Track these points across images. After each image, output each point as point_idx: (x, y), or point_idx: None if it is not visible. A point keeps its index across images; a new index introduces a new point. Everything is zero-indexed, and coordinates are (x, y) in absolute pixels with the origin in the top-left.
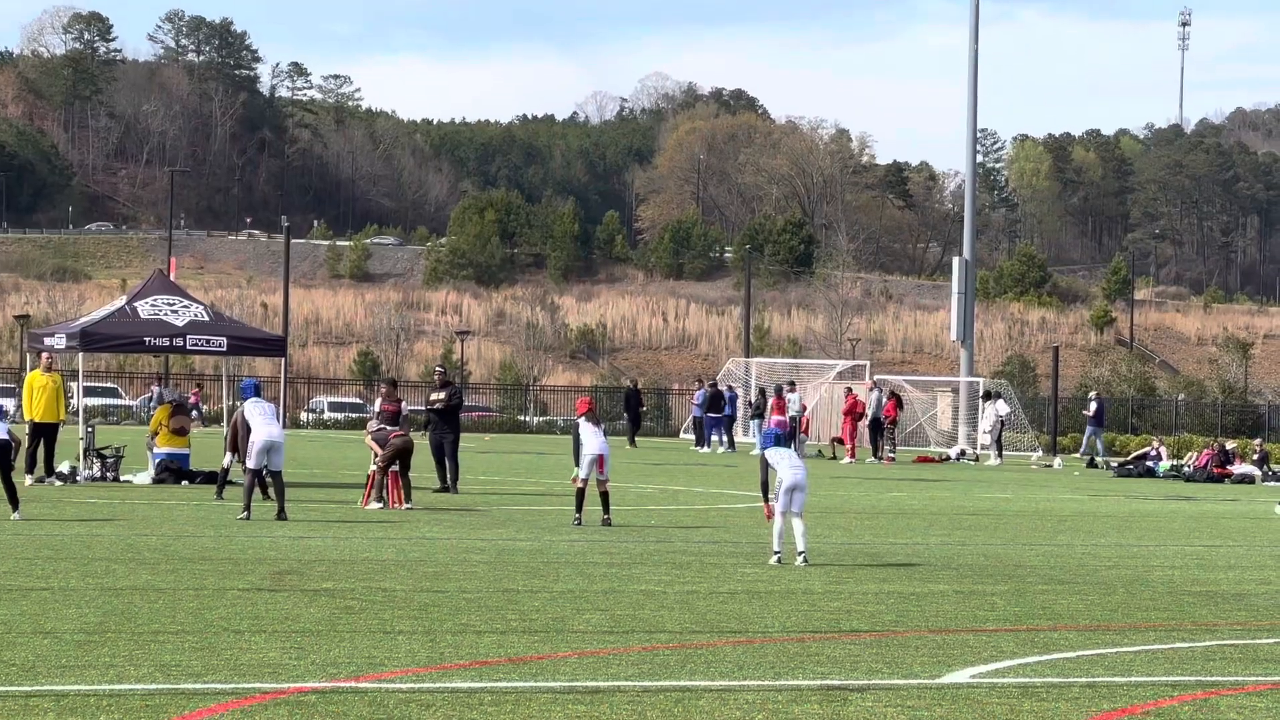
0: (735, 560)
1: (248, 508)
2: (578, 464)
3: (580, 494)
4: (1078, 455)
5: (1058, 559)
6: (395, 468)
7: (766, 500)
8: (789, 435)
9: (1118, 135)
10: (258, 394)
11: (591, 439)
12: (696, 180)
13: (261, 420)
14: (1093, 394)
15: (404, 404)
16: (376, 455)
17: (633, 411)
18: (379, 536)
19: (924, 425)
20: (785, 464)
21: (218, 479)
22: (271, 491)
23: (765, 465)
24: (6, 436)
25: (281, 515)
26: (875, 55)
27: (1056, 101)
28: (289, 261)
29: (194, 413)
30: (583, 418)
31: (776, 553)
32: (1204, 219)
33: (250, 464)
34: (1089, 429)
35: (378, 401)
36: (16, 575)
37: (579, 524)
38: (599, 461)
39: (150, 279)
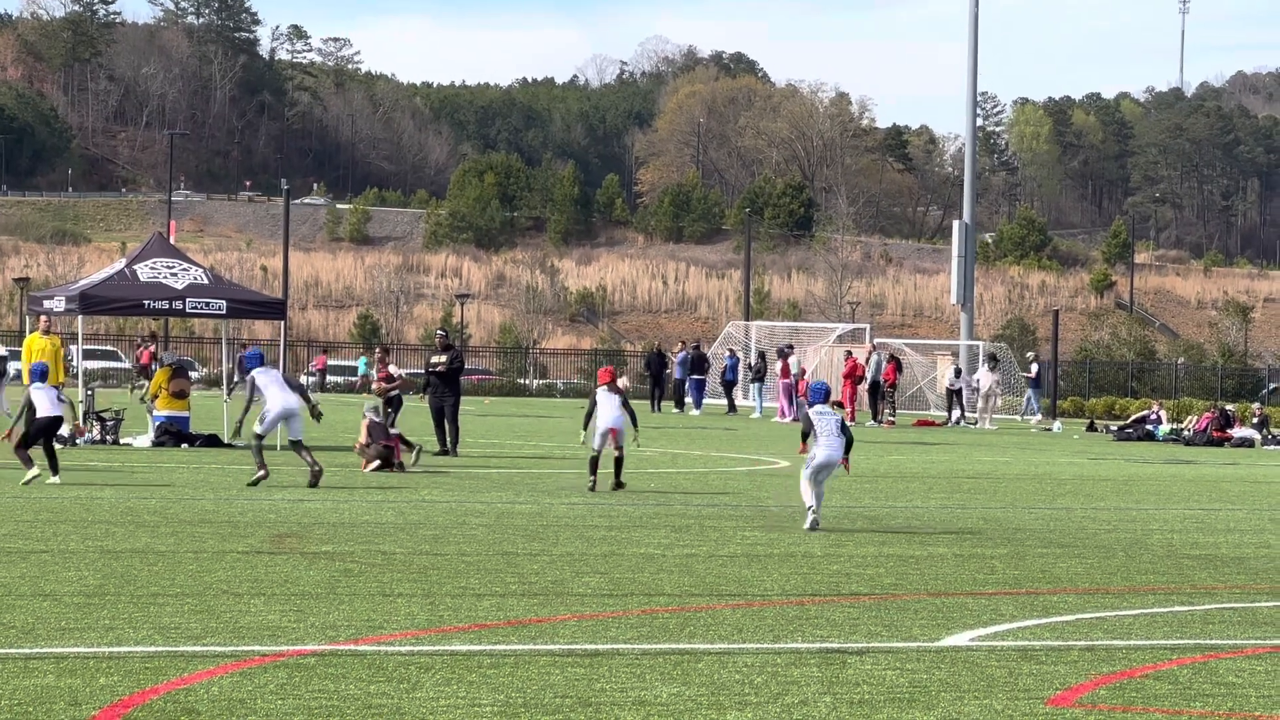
0: (734, 523)
1: (263, 465)
2: (585, 429)
3: (593, 462)
4: (1017, 418)
5: (1057, 522)
6: (397, 431)
7: (804, 440)
8: (828, 392)
9: (1118, 99)
10: (262, 363)
11: (608, 410)
12: (696, 144)
13: (277, 389)
14: (1031, 354)
15: (393, 368)
16: (366, 445)
17: (657, 375)
18: (378, 500)
19: (924, 389)
20: (823, 439)
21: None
22: (304, 456)
23: (808, 420)
24: (59, 412)
25: (315, 481)
26: (876, 18)
27: (1057, 65)
28: (289, 224)
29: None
30: (603, 387)
31: (811, 509)
32: (1204, 182)
33: (260, 430)
34: (1029, 391)
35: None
36: (16, 538)
37: (593, 489)
38: (612, 434)
39: (150, 242)
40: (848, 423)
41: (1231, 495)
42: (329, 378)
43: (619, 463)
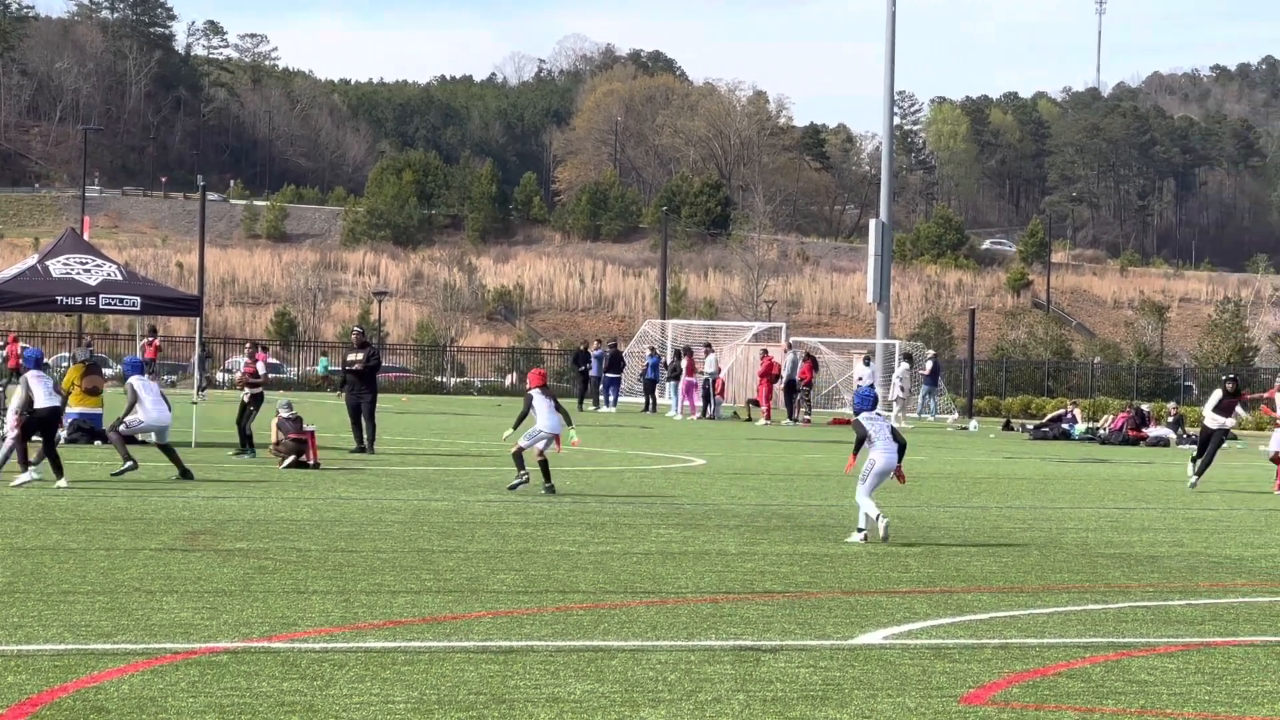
0: (650, 521)
1: (129, 457)
2: (515, 429)
3: (517, 455)
4: (916, 415)
5: (972, 521)
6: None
7: (855, 453)
8: (874, 400)
9: (1035, 98)
10: (139, 371)
11: (545, 415)
12: (614, 142)
13: (152, 403)
14: (930, 353)
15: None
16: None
17: (584, 372)
18: (294, 496)
19: (840, 387)
20: (881, 445)
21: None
22: (174, 458)
23: (861, 428)
24: (57, 404)
25: (186, 474)
26: (794, 17)
27: (974, 64)
28: (204, 221)
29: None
30: (536, 390)
31: (879, 517)
32: (1121, 182)
33: (123, 430)
34: (924, 388)
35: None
36: None
37: (525, 482)
38: (554, 439)
39: (63, 237)
40: (762, 422)
41: (1146, 494)
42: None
43: (545, 465)
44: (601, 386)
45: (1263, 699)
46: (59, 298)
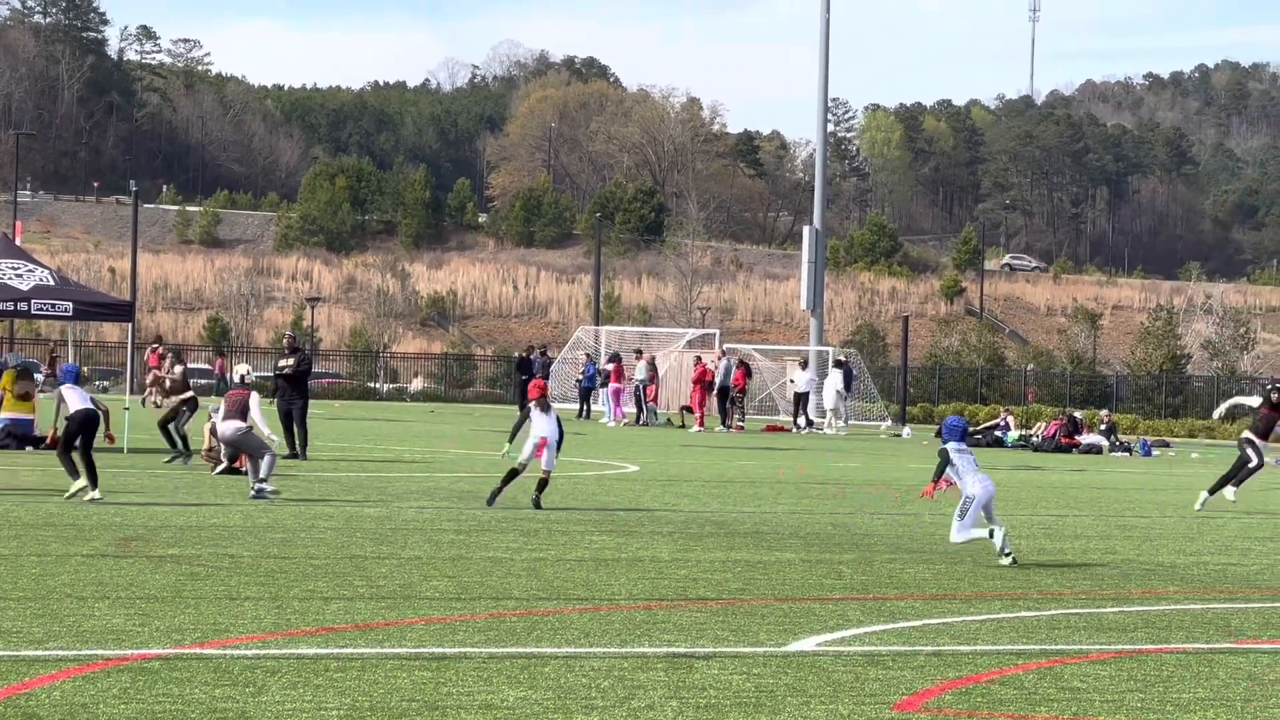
0: (583, 528)
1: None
2: (510, 442)
3: (511, 474)
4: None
5: (905, 528)
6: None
7: (935, 480)
8: (965, 430)
9: (969, 105)
10: (76, 381)
11: (544, 425)
12: (548, 148)
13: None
14: (842, 357)
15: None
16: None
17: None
18: (226, 503)
19: (774, 394)
20: (971, 477)
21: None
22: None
23: (946, 458)
24: (93, 407)
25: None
26: (728, 23)
27: (908, 71)
28: (137, 226)
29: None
30: (534, 403)
31: (998, 530)
32: (1054, 190)
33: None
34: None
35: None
36: None
37: (492, 503)
38: (540, 446)
39: None
40: (695, 429)
41: (1079, 501)
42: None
43: (544, 483)
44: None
45: (1195, 706)
46: None
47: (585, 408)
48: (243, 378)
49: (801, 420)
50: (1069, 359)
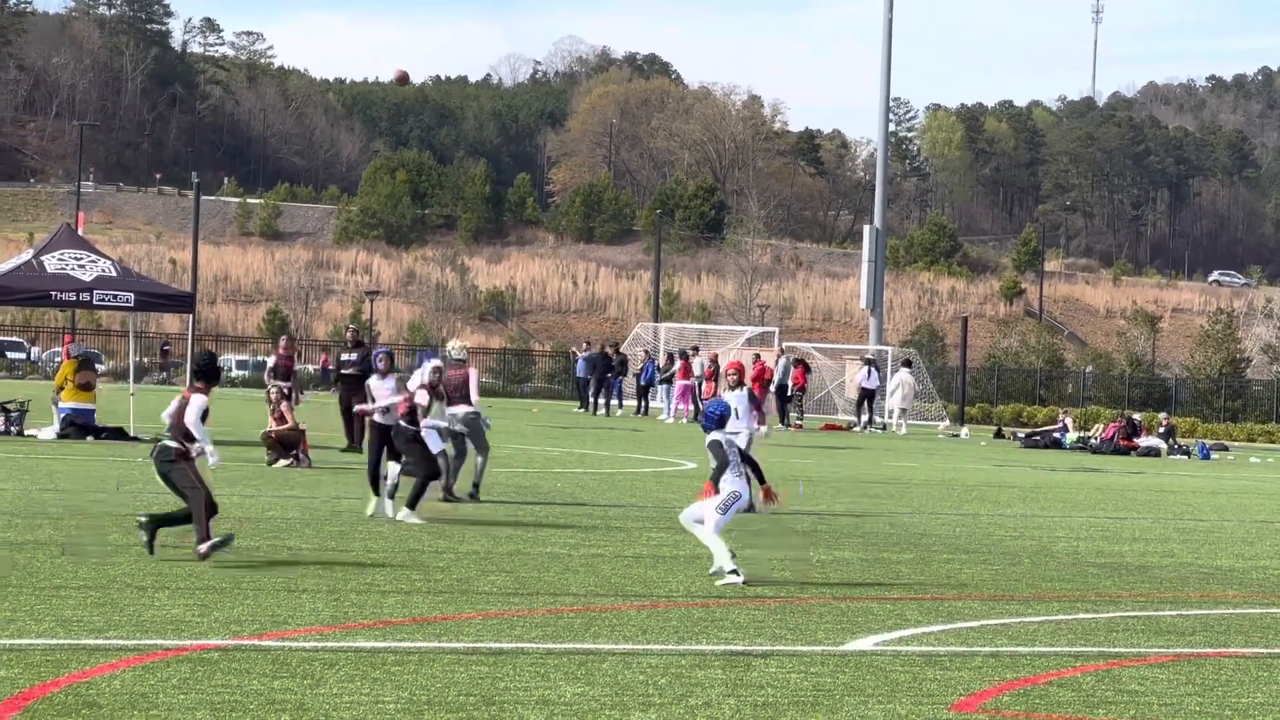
0: (640, 525)
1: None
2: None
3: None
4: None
5: (963, 528)
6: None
7: (715, 480)
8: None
9: (1030, 107)
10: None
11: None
12: (609, 144)
13: None
14: (869, 357)
15: (294, 360)
16: (272, 416)
17: (601, 375)
18: (285, 494)
19: (832, 393)
20: (739, 468)
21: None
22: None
23: (720, 451)
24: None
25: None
26: (790, 22)
27: (970, 72)
28: (199, 218)
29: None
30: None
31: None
32: (1115, 192)
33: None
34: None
35: (272, 357)
36: None
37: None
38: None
39: (58, 233)
40: (761, 428)
41: (1137, 504)
42: (235, 372)
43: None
44: (592, 390)
45: (1253, 711)
46: (53, 293)
47: (644, 404)
48: (459, 355)
49: (864, 419)
50: (1128, 361)
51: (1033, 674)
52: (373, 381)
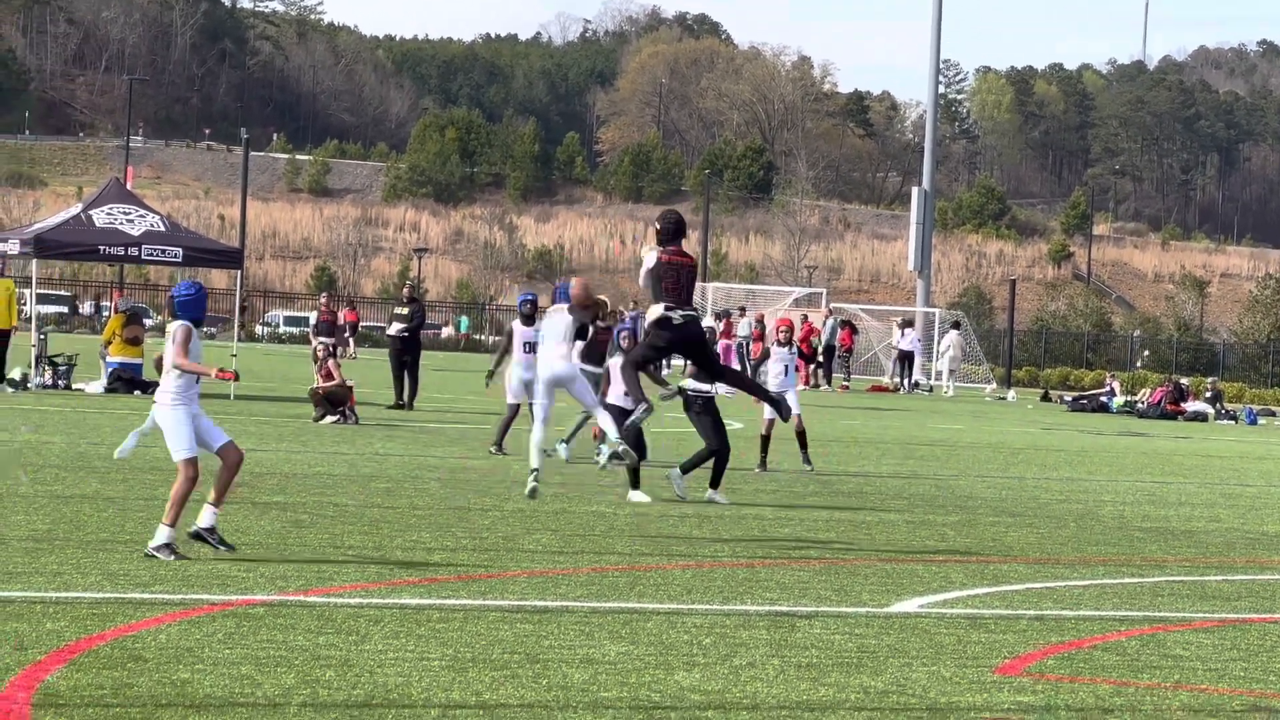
0: (687, 484)
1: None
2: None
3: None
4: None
5: (1009, 491)
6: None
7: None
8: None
9: (1080, 70)
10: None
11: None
12: (658, 104)
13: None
14: (900, 320)
15: (340, 314)
16: (318, 373)
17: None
18: (331, 451)
19: (879, 354)
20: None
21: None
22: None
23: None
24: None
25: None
26: None
27: (1020, 35)
28: (247, 174)
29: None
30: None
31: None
32: (1164, 156)
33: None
34: (894, 360)
35: (314, 314)
36: None
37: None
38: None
39: (106, 187)
40: (801, 387)
41: (1183, 469)
42: (284, 328)
43: (802, 437)
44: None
45: None
46: (102, 247)
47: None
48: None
49: (908, 381)
50: (1176, 326)
51: (1077, 638)
52: (516, 324)
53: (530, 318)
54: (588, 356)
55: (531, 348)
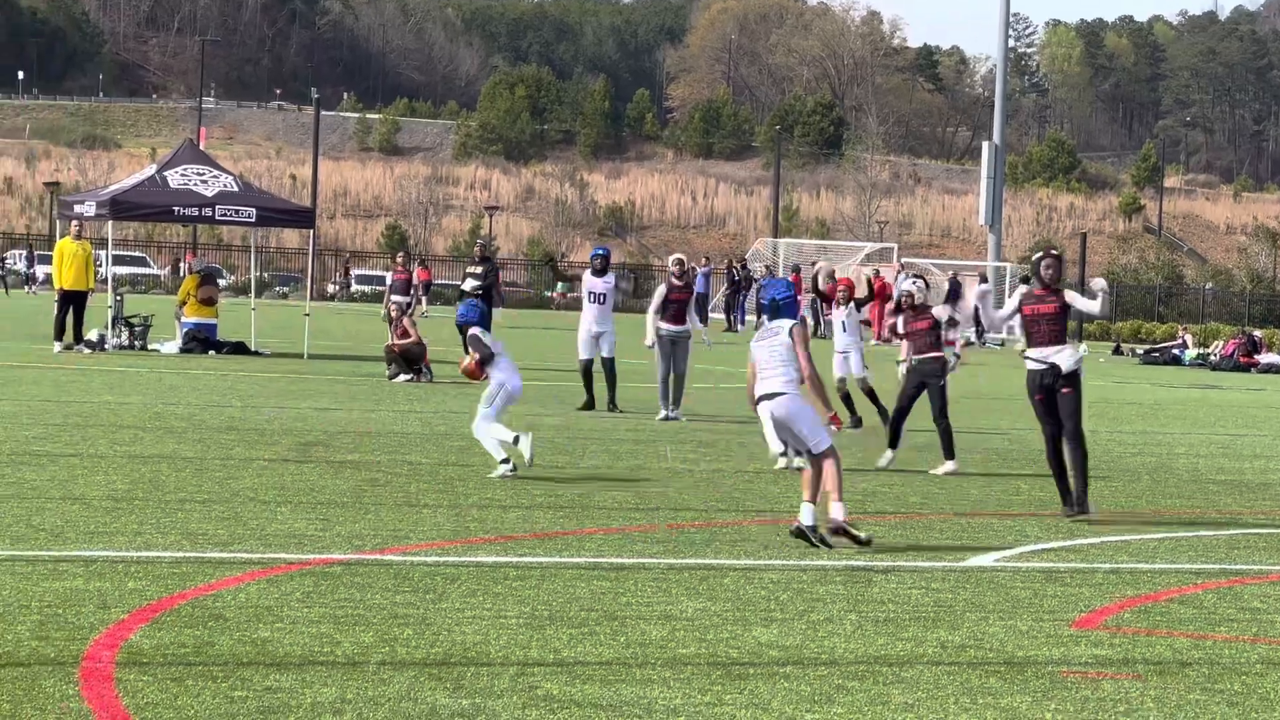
0: (762, 439)
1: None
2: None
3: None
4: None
5: None
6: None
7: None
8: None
9: (1151, 21)
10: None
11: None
12: (727, 60)
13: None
14: (950, 272)
15: (414, 273)
16: (393, 331)
17: (734, 291)
18: (404, 410)
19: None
20: (505, 364)
21: None
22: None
23: (481, 344)
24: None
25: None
26: None
27: None
28: (318, 133)
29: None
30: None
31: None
32: (1236, 107)
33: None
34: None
35: (390, 274)
36: (46, 441)
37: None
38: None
39: (180, 148)
40: (872, 342)
41: (1257, 421)
42: (355, 286)
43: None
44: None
45: None
46: (176, 208)
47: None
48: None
49: (973, 334)
50: (1248, 278)
51: (1153, 591)
52: (587, 276)
53: (602, 270)
54: (674, 317)
55: (598, 299)
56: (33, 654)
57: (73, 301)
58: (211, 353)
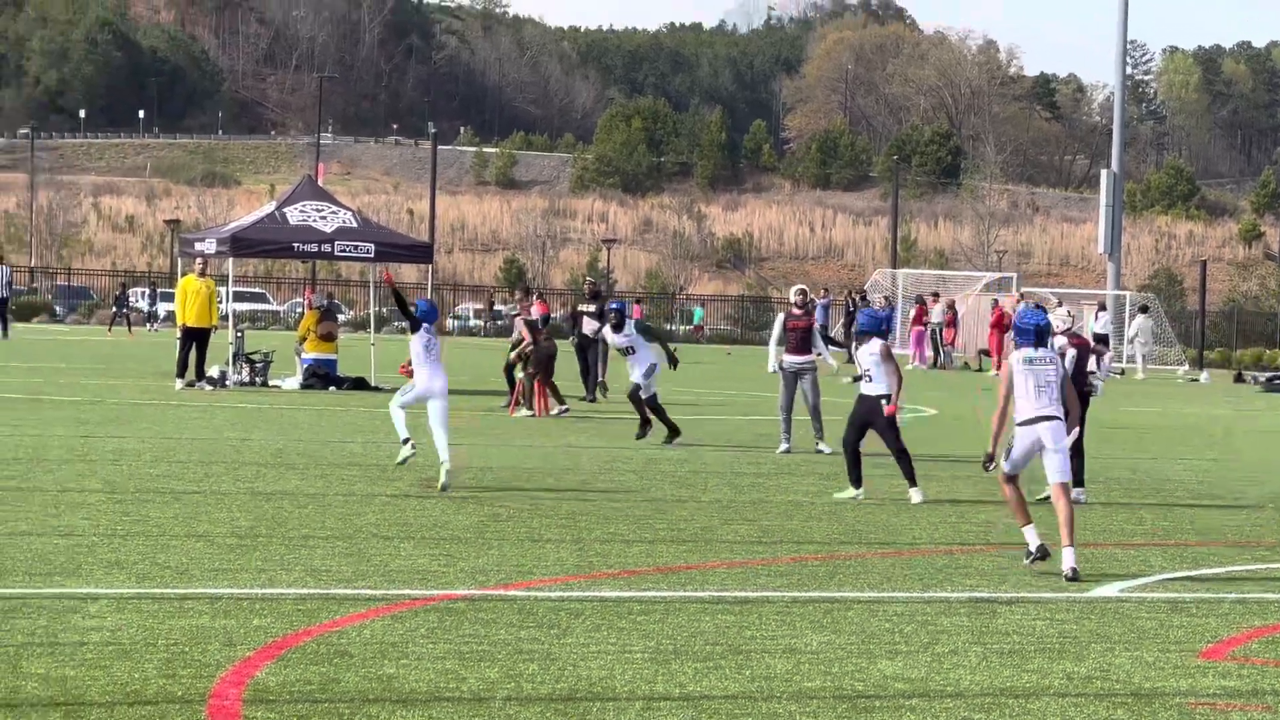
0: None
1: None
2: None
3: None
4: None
5: (1205, 474)
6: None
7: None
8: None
9: (1269, 47)
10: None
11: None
12: (844, 90)
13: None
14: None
15: (533, 306)
16: (520, 359)
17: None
18: (525, 444)
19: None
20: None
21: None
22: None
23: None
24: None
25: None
26: None
27: (1207, 13)
28: (436, 168)
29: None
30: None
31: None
32: None
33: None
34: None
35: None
36: (169, 478)
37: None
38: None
39: (299, 184)
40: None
41: None
42: (474, 321)
43: None
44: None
45: None
46: (295, 244)
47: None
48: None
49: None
50: None
51: None
52: (607, 331)
53: (619, 326)
54: (795, 348)
55: (625, 351)
56: (160, 692)
57: (196, 338)
58: (332, 389)
